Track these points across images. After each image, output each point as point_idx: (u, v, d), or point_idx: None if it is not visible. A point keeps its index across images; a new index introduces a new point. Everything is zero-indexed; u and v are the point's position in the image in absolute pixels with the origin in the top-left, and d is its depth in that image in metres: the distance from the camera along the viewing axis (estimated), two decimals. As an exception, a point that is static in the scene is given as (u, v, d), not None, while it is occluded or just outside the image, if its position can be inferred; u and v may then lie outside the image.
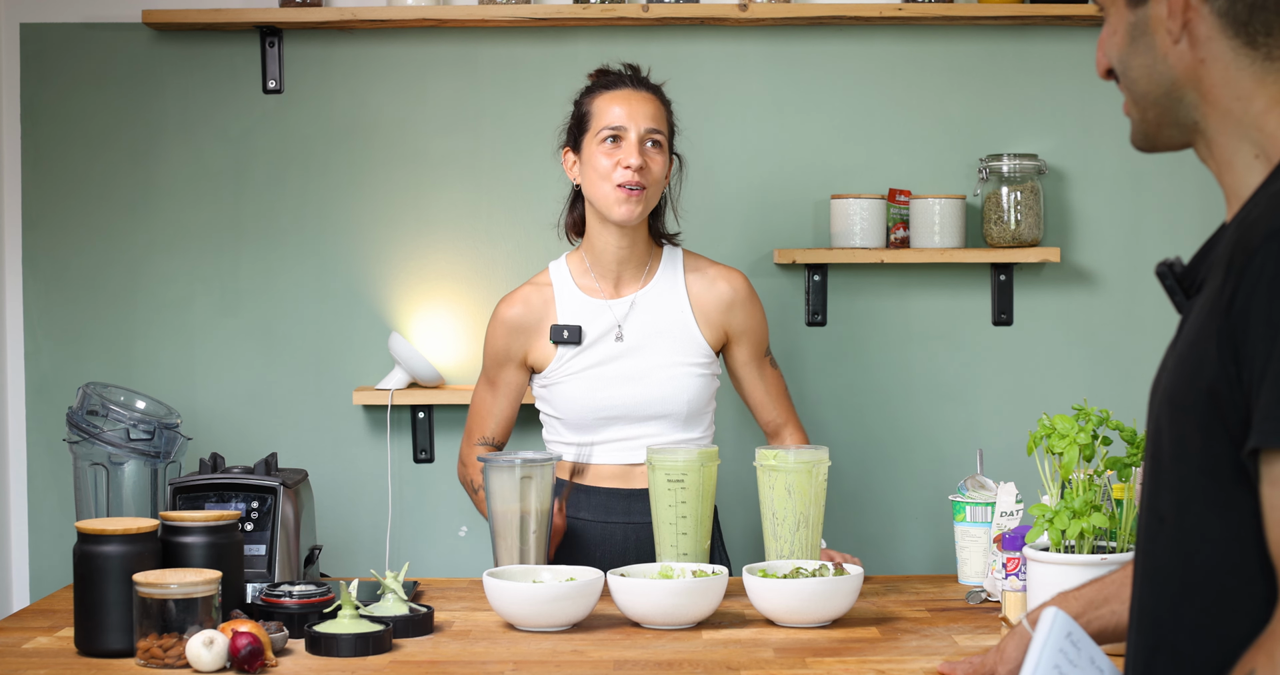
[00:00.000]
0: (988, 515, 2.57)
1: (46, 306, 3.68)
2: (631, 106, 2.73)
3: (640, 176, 2.68)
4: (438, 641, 2.22)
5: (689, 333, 2.77)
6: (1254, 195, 1.34)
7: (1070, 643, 1.47)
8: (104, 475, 3.03)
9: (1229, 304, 1.25)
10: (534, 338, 2.79)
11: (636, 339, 2.75)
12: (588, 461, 2.74)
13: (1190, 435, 1.30)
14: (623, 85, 2.76)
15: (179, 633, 2.07)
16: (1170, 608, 1.33)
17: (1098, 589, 1.76)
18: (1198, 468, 1.29)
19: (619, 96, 2.74)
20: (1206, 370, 1.27)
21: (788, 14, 3.61)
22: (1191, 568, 1.31)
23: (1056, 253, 3.60)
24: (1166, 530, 1.34)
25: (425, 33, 3.68)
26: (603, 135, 2.71)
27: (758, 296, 2.89)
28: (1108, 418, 2.19)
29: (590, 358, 2.75)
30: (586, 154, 2.74)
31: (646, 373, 2.74)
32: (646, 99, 2.75)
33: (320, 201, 3.70)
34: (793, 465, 2.47)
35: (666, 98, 2.82)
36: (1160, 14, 1.38)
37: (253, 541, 2.52)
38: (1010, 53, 3.70)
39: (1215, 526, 1.29)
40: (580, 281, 2.80)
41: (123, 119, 3.68)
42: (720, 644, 2.19)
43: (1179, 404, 1.31)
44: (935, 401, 3.72)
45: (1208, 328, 1.28)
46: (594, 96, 2.77)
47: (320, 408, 3.70)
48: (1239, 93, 1.35)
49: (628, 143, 2.70)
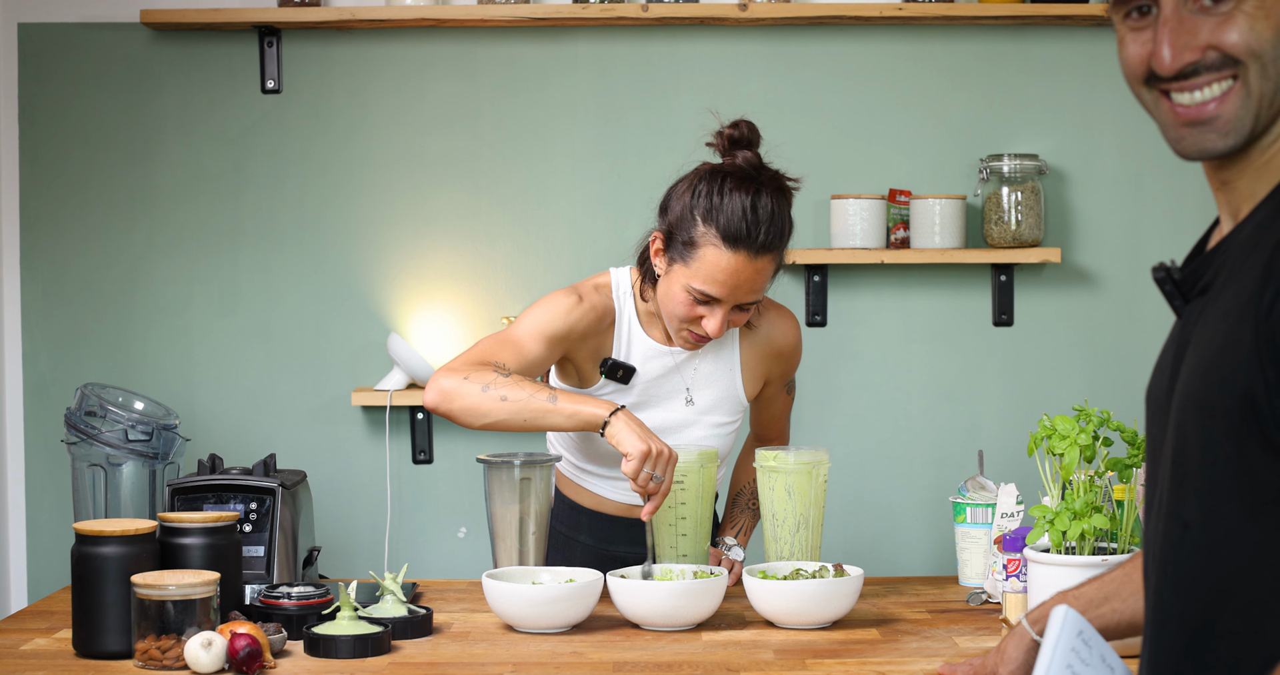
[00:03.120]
0: (988, 516, 2.57)
1: (44, 307, 3.67)
2: (741, 278, 2.36)
3: (714, 336, 2.43)
4: (437, 643, 2.22)
5: (733, 391, 2.60)
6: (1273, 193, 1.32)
7: (1082, 642, 1.45)
8: (102, 476, 3.02)
9: (1269, 308, 1.23)
10: (587, 348, 2.54)
11: (695, 401, 2.58)
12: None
13: (1219, 440, 1.28)
14: (745, 247, 2.35)
15: (177, 634, 2.06)
16: (1200, 613, 1.32)
17: (1098, 587, 1.76)
18: (1228, 472, 1.28)
19: (734, 262, 2.35)
20: (1241, 375, 1.25)
21: (787, 14, 3.60)
22: (1223, 574, 1.29)
23: (1057, 253, 3.60)
24: (1192, 536, 1.32)
25: (424, 32, 3.67)
26: (695, 291, 2.39)
27: (801, 339, 2.69)
28: (1109, 419, 2.18)
29: (638, 405, 2.54)
30: (673, 279, 2.42)
31: (679, 430, 2.58)
32: (764, 263, 2.37)
33: (319, 202, 3.69)
34: (793, 466, 2.46)
35: (785, 244, 2.43)
36: None
37: (251, 543, 2.51)
38: (1010, 53, 3.70)
39: (1248, 532, 1.27)
40: (644, 318, 2.56)
41: (121, 119, 3.67)
42: (720, 645, 2.19)
43: (1208, 408, 1.29)
44: (935, 402, 3.72)
45: (1241, 331, 1.26)
46: (709, 237, 2.36)
47: (319, 409, 3.69)
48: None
49: (717, 308, 2.40)
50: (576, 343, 2.51)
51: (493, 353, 2.44)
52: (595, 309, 2.52)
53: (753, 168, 2.42)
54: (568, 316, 2.48)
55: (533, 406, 2.34)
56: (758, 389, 2.65)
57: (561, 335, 2.48)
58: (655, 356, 2.56)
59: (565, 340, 2.49)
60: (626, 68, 3.68)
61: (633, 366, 2.54)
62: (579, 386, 2.58)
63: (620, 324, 2.54)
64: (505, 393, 2.36)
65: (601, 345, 2.55)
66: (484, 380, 2.38)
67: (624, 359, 2.55)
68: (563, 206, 3.71)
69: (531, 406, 2.35)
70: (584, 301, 2.51)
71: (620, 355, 2.55)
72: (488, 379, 2.38)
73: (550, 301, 2.51)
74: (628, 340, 2.55)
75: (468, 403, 2.37)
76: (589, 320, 2.51)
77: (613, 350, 2.55)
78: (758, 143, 2.47)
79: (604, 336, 2.54)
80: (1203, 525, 1.31)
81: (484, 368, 2.40)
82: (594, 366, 2.55)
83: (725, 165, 2.44)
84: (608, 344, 2.55)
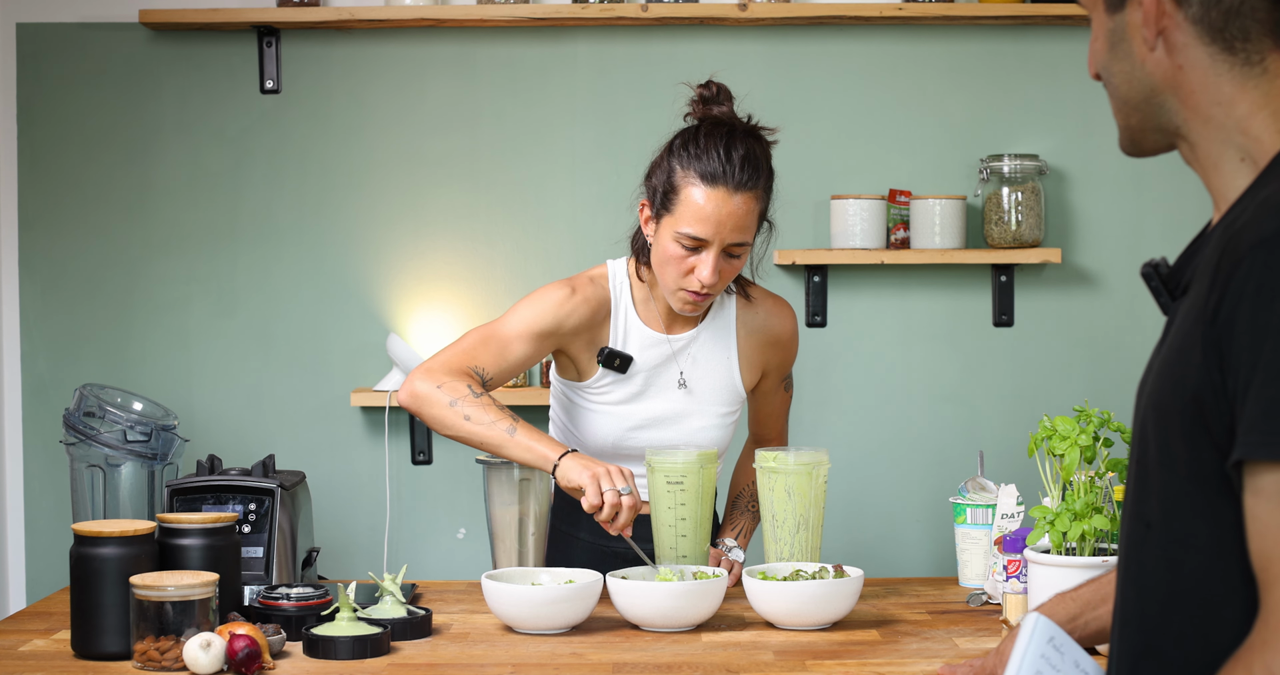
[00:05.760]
0: (988, 517, 2.56)
1: (43, 307, 3.67)
2: (723, 215, 2.39)
3: (710, 287, 2.44)
4: (436, 644, 2.21)
5: (731, 380, 2.62)
6: (1240, 199, 1.33)
7: (1053, 648, 1.45)
8: (101, 477, 3.02)
9: (1214, 312, 1.24)
10: (582, 341, 2.56)
11: (690, 385, 2.60)
12: None
13: (1175, 441, 1.29)
14: (723, 183, 2.39)
15: (176, 635, 2.06)
16: (1157, 614, 1.32)
17: (1094, 589, 1.76)
18: (1183, 474, 1.29)
19: (714, 198, 2.39)
20: (1191, 378, 1.26)
21: (787, 14, 3.60)
22: (1179, 575, 1.30)
23: (1057, 253, 3.60)
24: (1153, 536, 1.33)
25: (423, 32, 3.67)
26: (682, 236, 2.42)
27: (798, 330, 2.71)
28: (1109, 419, 2.18)
29: (637, 394, 2.58)
30: (662, 234, 2.45)
31: (678, 419, 2.60)
32: (744, 201, 2.41)
33: (318, 202, 3.69)
34: (793, 467, 2.46)
35: (771, 180, 2.49)
36: (1136, 21, 1.37)
37: (250, 543, 2.51)
38: (1010, 53, 3.70)
39: (1202, 533, 1.28)
40: (640, 306, 2.58)
41: (119, 119, 3.67)
42: (720, 646, 2.19)
43: (1163, 410, 1.30)
44: (935, 403, 3.72)
45: (1193, 335, 1.27)
46: (688, 179, 2.41)
47: (318, 409, 3.69)
48: (1219, 98, 1.35)
49: (706, 254, 2.42)
50: (569, 337, 2.53)
51: (474, 354, 2.48)
52: (590, 301, 2.54)
53: (726, 118, 2.49)
54: (558, 310, 2.51)
55: (491, 435, 2.41)
56: (755, 379, 2.66)
57: (549, 331, 2.51)
58: (653, 345, 2.57)
59: (554, 335, 2.51)
60: (626, 68, 3.68)
61: (630, 355, 2.56)
62: (577, 380, 2.59)
63: (616, 314, 2.56)
64: (470, 412, 2.42)
65: (597, 337, 2.56)
66: (454, 393, 2.43)
67: (621, 348, 2.56)
68: (562, 206, 3.70)
69: (490, 435, 2.41)
70: (577, 294, 2.53)
71: (617, 345, 2.56)
72: (458, 392, 2.43)
73: (542, 295, 2.53)
74: (624, 329, 2.57)
75: (435, 412, 2.43)
76: (582, 313, 2.52)
77: (609, 340, 2.56)
78: (731, 101, 2.53)
79: (600, 329, 2.56)
80: (1162, 525, 1.31)
81: (459, 376, 2.45)
82: (591, 358, 2.56)
83: (700, 120, 2.50)
84: (604, 335, 2.56)
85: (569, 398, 2.63)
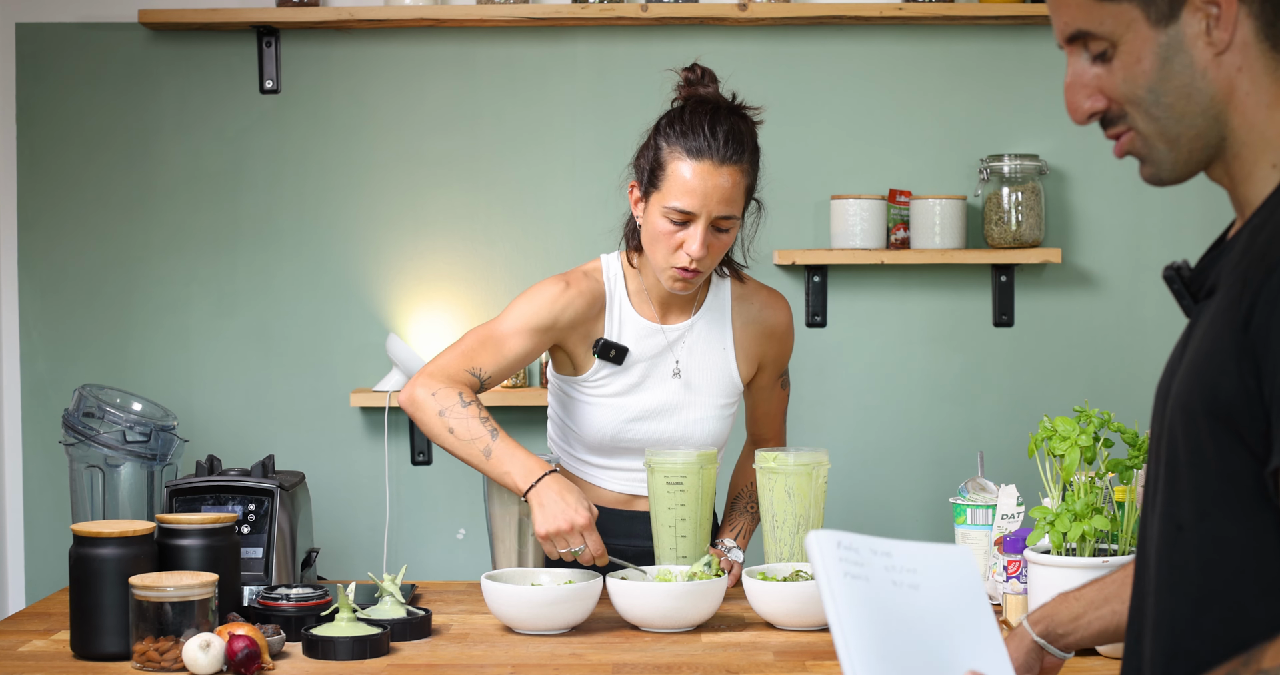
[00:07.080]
0: (988, 518, 2.56)
1: (42, 308, 3.67)
2: (709, 187, 2.42)
3: (700, 263, 2.46)
4: (435, 645, 2.21)
5: (727, 371, 2.62)
6: (1265, 203, 1.33)
7: (845, 548, 1.38)
8: (100, 477, 3.02)
9: (1246, 320, 1.24)
10: (578, 335, 2.58)
11: (685, 375, 2.61)
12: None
13: (1206, 445, 1.29)
14: (708, 156, 2.42)
15: (175, 636, 2.05)
16: (1190, 616, 1.32)
17: (1098, 589, 1.76)
18: (1215, 477, 1.28)
19: (700, 172, 2.42)
20: (1224, 383, 1.26)
21: (787, 14, 3.60)
22: (1211, 576, 1.30)
23: (1058, 254, 3.59)
24: (1186, 538, 1.32)
25: (423, 32, 3.67)
26: (670, 211, 2.45)
27: (793, 323, 2.72)
28: (1109, 420, 2.17)
29: (635, 385, 2.59)
30: (651, 212, 2.48)
31: (676, 410, 2.60)
32: (730, 175, 2.43)
33: (318, 202, 3.69)
34: (793, 468, 2.45)
35: (757, 157, 2.51)
36: (1196, 28, 1.34)
37: (250, 544, 2.50)
38: (1010, 53, 3.69)
39: (1236, 534, 1.28)
40: (634, 297, 2.60)
41: (119, 119, 3.66)
42: (720, 647, 2.18)
43: (1192, 412, 1.30)
44: (936, 403, 3.71)
45: (1223, 339, 1.26)
46: (675, 154, 2.45)
47: (317, 410, 3.68)
48: (1267, 100, 1.33)
49: (694, 228, 2.44)
50: (565, 331, 2.56)
51: (473, 354, 2.52)
52: (584, 294, 2.57)
53: (711, 97, 2.52)
54: (553, 305, 2.54)
55: (470, 452, 2.45)
56: (752, 371, 2.67)
57: (546, 326, 2.54)
58: (648, 335, 2.59)
59: (551, 330, 2.55)
60: (626, 68, 3.68)
61: (625, 346, 2.58)
62: (574, 374, 2.60)
63: (611, 306, 2.59)
64: (455, 425, 2.45)
65: (593, 331, 2.58)
66: (445, 402, 2.46)
67: (616, 339, 2.58)
68: (562, 206, 3.70)
69: (469, 451, 2.45)
70: (571, 288, 2.56)
71: (613, 336, 2.59)
72: (449, 402, 2.46)
73: (537, 291, 2.56)
74: (619, 321, 2.59)
75: (424, 419, 2.48)
76: (577, 307, 2.55)
77: (605, 333, 2.58)
78: (716, 83, 2.56)
79: (595, 322, 2.58)
80: (1194, 527, 1.31)
81: (454, 382, 2.49)
82: (587, 351, 2.58)
83: (685, 99, 2.54)
84: (600, 328, 2.58)
85: (566, 393, 2.64)
